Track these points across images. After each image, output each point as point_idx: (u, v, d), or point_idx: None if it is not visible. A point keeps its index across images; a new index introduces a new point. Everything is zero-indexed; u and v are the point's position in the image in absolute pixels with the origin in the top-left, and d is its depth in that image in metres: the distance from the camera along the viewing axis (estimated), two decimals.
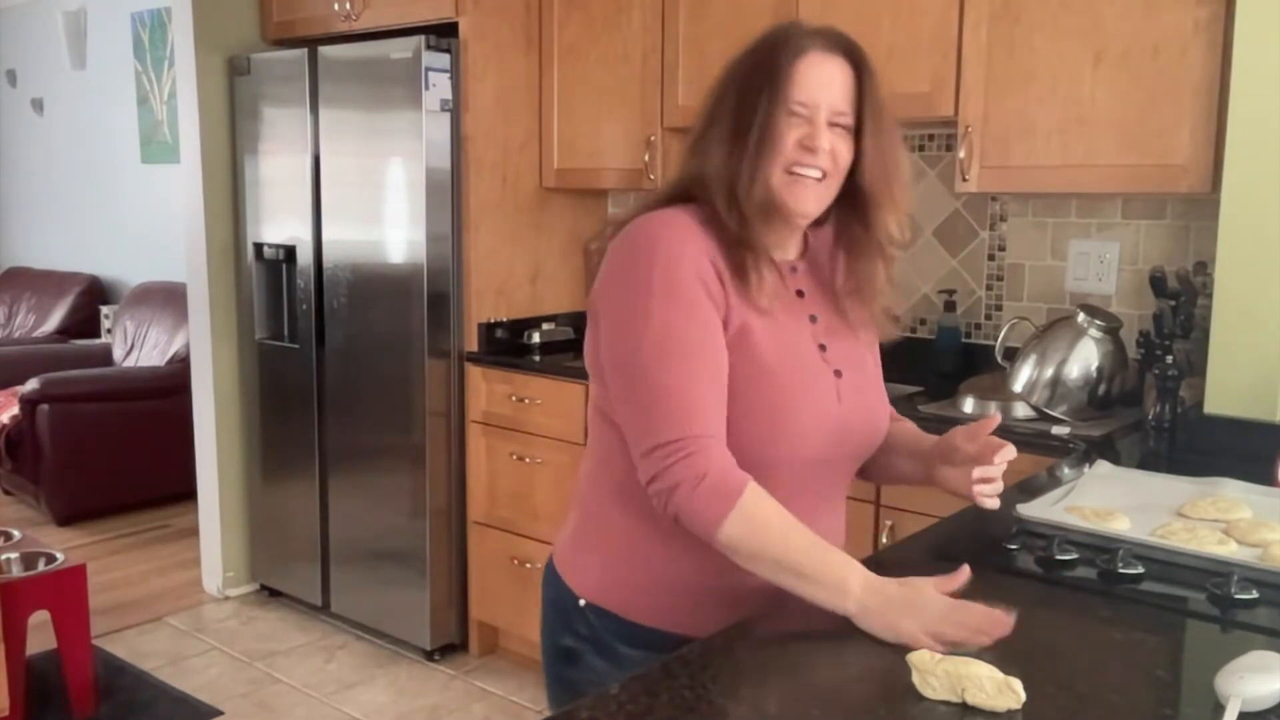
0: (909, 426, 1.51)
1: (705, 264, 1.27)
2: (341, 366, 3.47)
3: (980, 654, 1.06)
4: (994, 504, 1.34)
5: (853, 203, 1.35)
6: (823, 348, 1.36)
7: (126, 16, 5.52)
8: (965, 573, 1.18)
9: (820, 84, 1.29)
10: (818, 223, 1.38)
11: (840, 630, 1.16)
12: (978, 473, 1.32)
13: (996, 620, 1.11)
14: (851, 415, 1.36)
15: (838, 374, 1.36)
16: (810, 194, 1.31)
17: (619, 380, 1.28)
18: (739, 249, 1.29)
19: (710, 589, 1.31)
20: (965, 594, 1.17)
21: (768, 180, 1.29)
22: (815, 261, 1.42)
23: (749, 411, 1.28)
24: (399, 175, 3.22)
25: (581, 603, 1.38)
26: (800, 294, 1.38)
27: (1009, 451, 1.30)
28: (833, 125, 1.30)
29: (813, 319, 1.37)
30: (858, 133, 1.32)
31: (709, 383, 1.24)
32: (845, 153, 1.31)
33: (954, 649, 1.07)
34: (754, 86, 1.29)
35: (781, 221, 1.34)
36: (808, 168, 1.29)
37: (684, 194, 1.34)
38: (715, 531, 1.20)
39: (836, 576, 1.17)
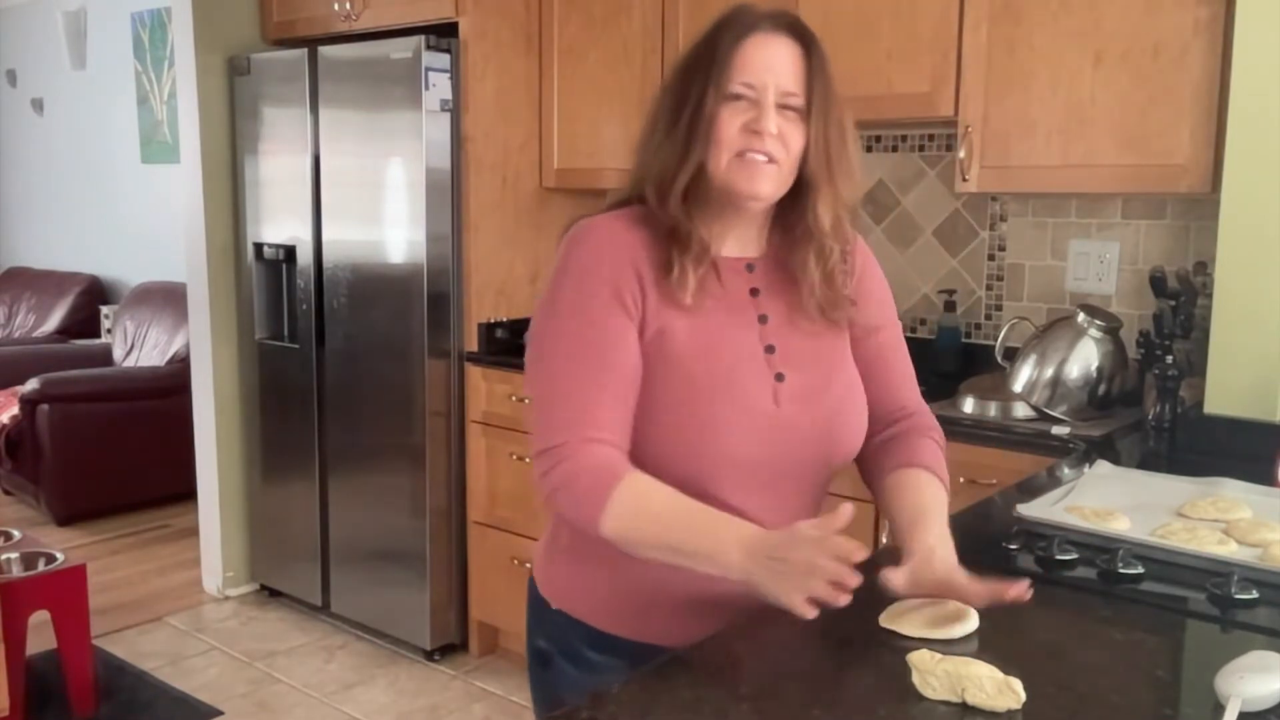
0: (917, 491, 1.32)
1: (624, 271, 1.26)
2: (341, 366, 3.47)
3: (980, 654, 1.06)
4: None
5: (793, 189, 1.30)
6: (770, 349, 1.31)
7: (126, 16, 5.52)
8: (847, 510, 1.09)
9: (766, 64, 1.24)
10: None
11: (840, 631, 1.16)
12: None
13: (845, 544, 1.07)
14: (794, 420, 1.29)
15: (779, 377, 1.30)
16: (762, 176, 1.26)
17: (530, 382, 1.29)
18: (666, 244, 1.27)
19: (671, 596, 1.28)
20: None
21: (716, 167, 1.25)
22: (784, 254, 1.35)
23: (671, 413, 1.25)
24: (399, 175, 3.22)
25: (551, 607, 1.38)
26: (754, 292, 1.33)
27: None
28: (782, 108, 1.25)
29: (763, 319, 1.32)
30: (807, 116, 1.26)
31: (600, 388, 1.23)
32: (797, 137, 1.26)
33: (828, 602, 1.06)
34: (695, 72, 1.26)
35: (734, 211, 1.30)
36: (756, 152, 1.24)
37: (635, 194, 1.32)
38: (598, 530, 1.19)
39: (717, 553, 1.15)
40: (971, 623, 1.14)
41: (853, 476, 1.45)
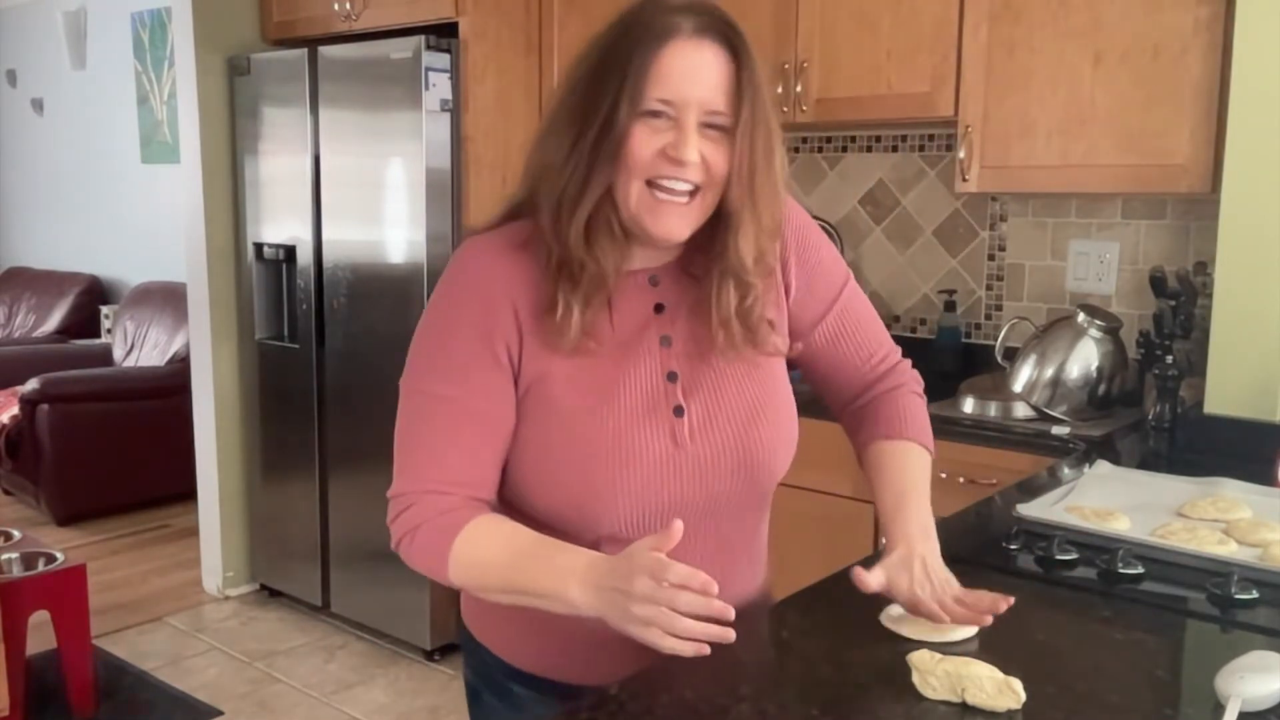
0: (899, 470, 1.26)
1: (498, 314, 1.13)
2: (341, 366, 3.47)
3: (980, 654, 1.06)
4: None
5: (725, 231, 1.13)
6: (672, 376, 1.17)
7: (126, 16, 5.51)
8: (678, 527, 0.97)
9: (689, 77, 1.06)
10: None
11: (840, 631, 1.16)
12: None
13: (702, 580, 0.95)
14: (699, 455, 1.16)
15: (678, 411, 1.16)
16: (676, 215, 1.09)
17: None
18: (552, 281, 1.11)
19: (589, 635, 1.10)
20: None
21: (625, 196, 1.08)
22: (693, 262, 1.19)
23: (556, 470, 1.14)
24: (399, 175, 3.22)
25: (476, 640, 1.31)
26: (659, 308, 1.18)
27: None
28: (705, 126, 1.08)
29: (665, 340, 1.18)
30: (734, 130, 1.09)
31: (452, 439, 1.14)
32: (721, 160, 1.09)
33: (671, 650, 0.96)
34: (604, 76, 1.07)
35: (639, 244, 1.15)
36: (673, 180, 1.08)
37: (525, 204, 1.16)
38: (446, 579, 1.11)
39: (558, 589, 1.04)
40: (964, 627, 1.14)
41: (853, 478, 1.45)
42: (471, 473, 1.15)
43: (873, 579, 1.12)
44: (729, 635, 0.96)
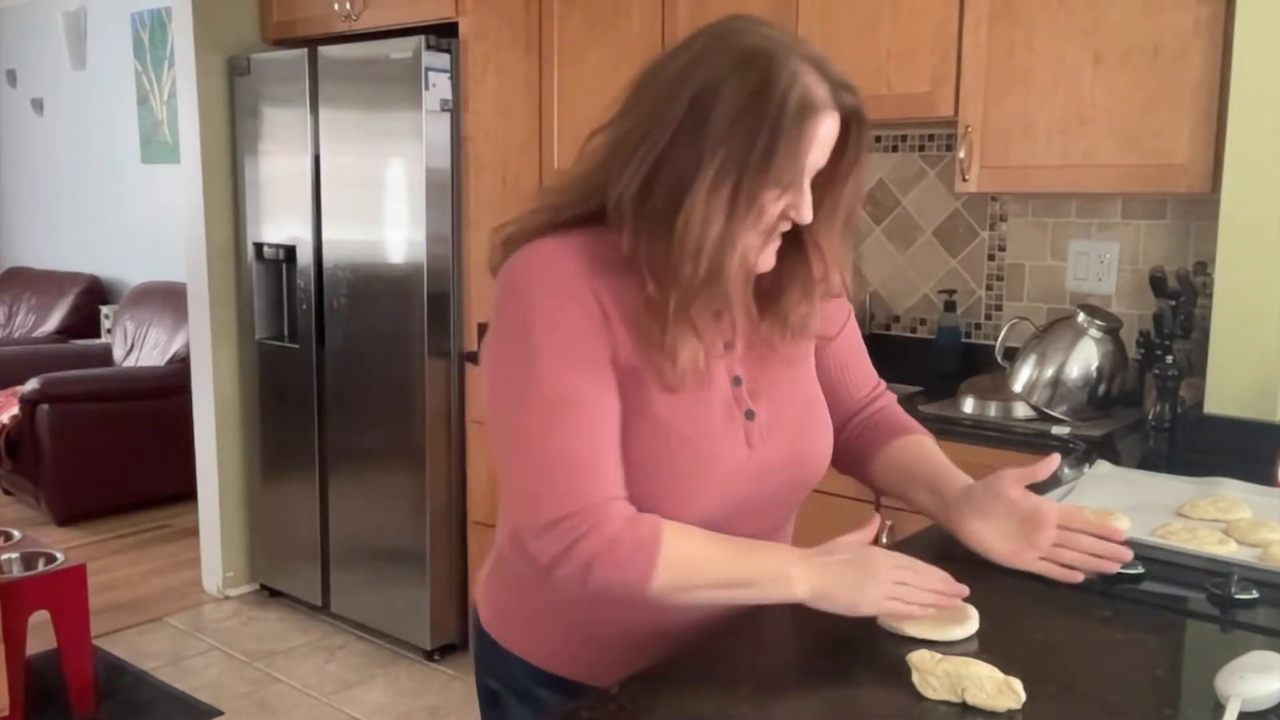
0: (927, 450, 1.35)
1: (593, 308, 1.10)
2: (341, 366, 3.47)
3: (980, 654, 1.06)
4: (1079, 576, 1.23)
5: (795, 240, 1.17)
6: (737, 381, 1.20)
7: (126, 16, 5.52)
8: (877, 520, 1.16)
9: (821, 149, 1.10)
10: None
11: (840, 631, 1.16)
12: (1058, 540, 1.22)
13: (947, 578, 1.12)
14: (767, 457, 1.20)
15: (749, 415, 1.19)
16: (774, 255, 1.15)
17: (502, 444, 1.11)
18: (632, 276, 1.10)
19: (625, 637, 1.19)
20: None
21: (747, 249, 1.11)
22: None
23: (642, 468, 1.13)
24: (399, 175, 3.22)
25: (500, 645, 1.30)
26: (718, 315, 1.17)
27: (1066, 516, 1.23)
28: None
29: (728, 345, 1.20)
30: (826, 177, 1.14)
31: (605, 441, 1.09)
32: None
33: (907, 616, 1.11)
34: (754, 143, 1.05)
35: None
36: (779, 234, 1.14)
37: (593, 212, 1.14)
38: (647, 589, 1.08)
39: (778, 573, 1.11)
40: (972, 624, 1.14)
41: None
42: (618, 473, 1.11)
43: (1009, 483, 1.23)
44: (954, 604, 1.12)
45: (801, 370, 1.27)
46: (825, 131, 1.09)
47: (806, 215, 1.11)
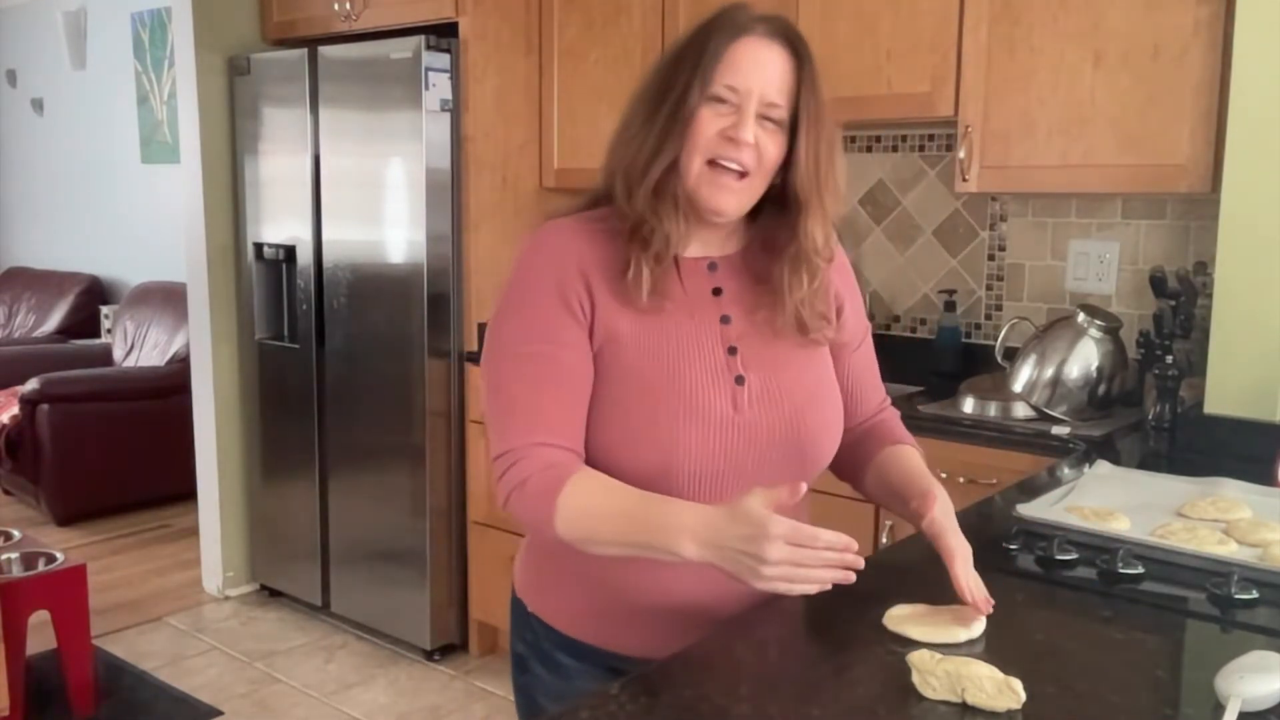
0: (901, 458, 1.36)
1: (569, 275, 1.24)
2: (341, 366, 3.47)
3: (980, 654, 1.06)
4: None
5: (780, 204, 1.28)
6: (732, 350, 1.28)
7: (126, 16, 5.52)
8: (800, 488, 1.09)
9: (753, 69, 1.20)
10: (754, 215, 1.31)
11: (840, 630, 1.16)
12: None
13: (839, 540, 1.07)
14: (756, 424, 1.26)
15: (739, 380, 1.27)
16: (729, 192, 1.24)
17: (483, 393, 1.28)
18: (625, 244, 1.24)
19: (649, 607, 1.28)
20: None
21: (687, 170, 1.22)
22: (750, 256, 1.33)
23: (626, 419, 1.24)
24: (399, 175, 3.22)
25: (527, 609, 1.39)
26: (716, 291, 1.30)
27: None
28: (762, 118, 1.22)
29: (725, 319, 1.29)
30: (793, 130, 1.24)
31: (547, 393, 1.22)
32: (774, 150, 1.23)
33: (802, 593, 1.08)
34: (680, 66, 1.22)
35: (697, 218, 1.27)
36: (730, 160, 1.22)
37: (605, 190, 1.30)
38: (551, 533, 1.18)
39: (670, 541, 1.12)
40: (978, 627, 1.14)
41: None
42: (567, 427, 1.23)
43: (934, 513, 1.21)
44: (850, 577, 1.08)
45: (811, 356, 1.34)
46: (754, 53, 1.21)
47: (746, 134, 1.20)
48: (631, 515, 1.17)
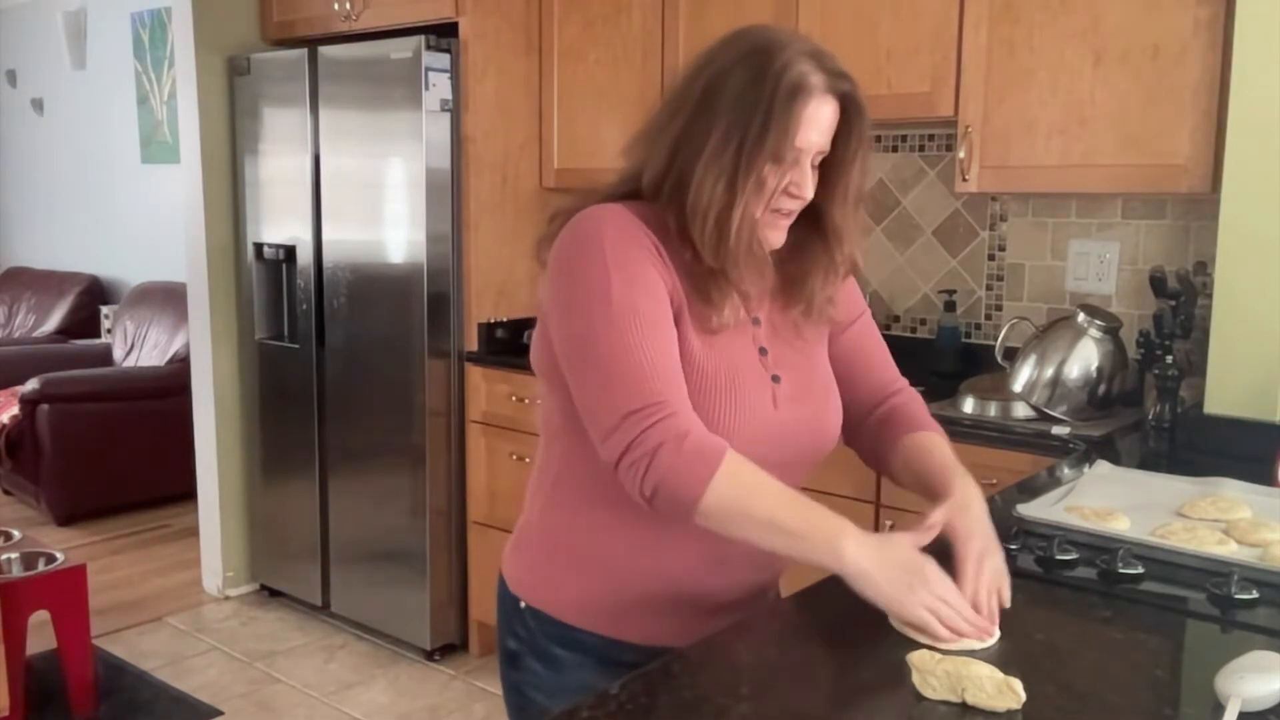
0: (926, 449, 1.39)
1: (649, 244, 1.24)
2: (341, 366, 3.47)
3: (980, 654, 1.06)
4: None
5: (815, 226, 1.31)
6: (763, 351, 1.33)
7: (126, 16, 5.52)
8: (936, 527, 1.19)
9: (814, 129, 1.22)
10: None
11: (840, 630, 1.16)
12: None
13: (984, 627, 1.12)
14: (790, 422, 1.31)
15: (775, 379, 1.32)
16: (780, 231, 1.29)
17: (576, 361, 1.22)
18: (706, 279, 1.25)
19: (646, 594, 1.31)
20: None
21: (751, 219, 1.24)
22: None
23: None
24: (399, 175, 3.22)
25: (521, 604, 1.38)
26: (744, 296, 1.33)
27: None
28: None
29: (755, 321, 1.34)
30: (833, 163, 1.27)
31: (671, 356, 1.21)
32: (814, 187, 1.27)
33: (935, 634, 1.10)
34: (751, 120, 1.20)
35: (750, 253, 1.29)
36: (787, 208, 1.27)
37: (633, 192, 1.30)
38: (700, 494, 1.14)
39: (831, 537, 1.14)
40: (993, 636, 1.13)
41: (854, 478, 1.46)
42: (685, 391, 1.21)
43: (937, 514, 1.21)
44: (986, 639, 1.12)
45: (817, 351, 1.40)
46: (817, 114, 1.22)
47: (808, 192, 1.25)
48: (792, 500, 1.18)
